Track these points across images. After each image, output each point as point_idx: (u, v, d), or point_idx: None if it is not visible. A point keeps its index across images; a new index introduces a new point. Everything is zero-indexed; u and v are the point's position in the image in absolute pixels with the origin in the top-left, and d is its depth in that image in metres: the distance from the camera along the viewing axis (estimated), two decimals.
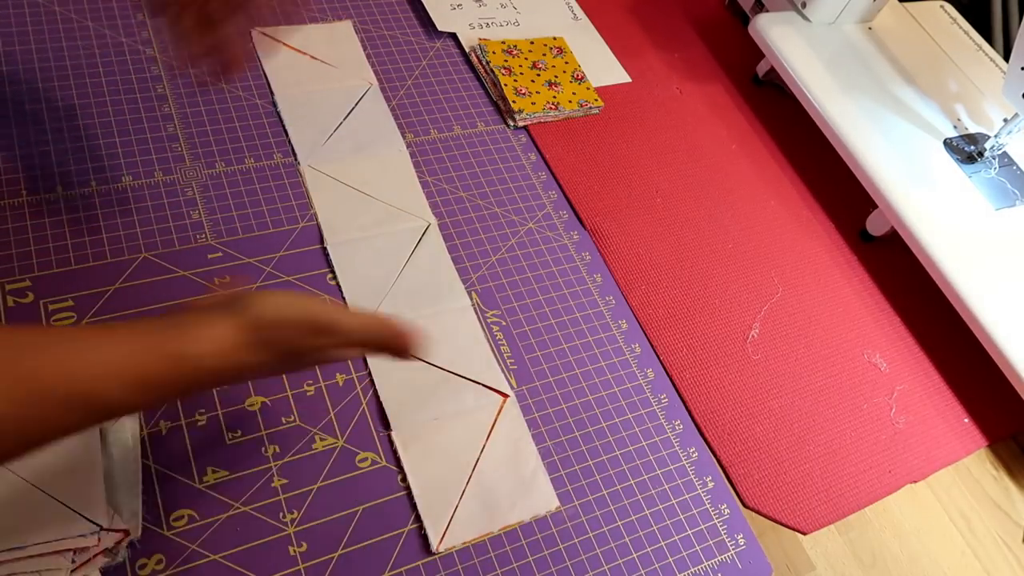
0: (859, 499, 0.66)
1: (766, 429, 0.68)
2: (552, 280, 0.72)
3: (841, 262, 0.82)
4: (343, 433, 0.59)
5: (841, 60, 0.89)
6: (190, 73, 0.56)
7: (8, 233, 0.61)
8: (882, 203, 0.79)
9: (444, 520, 0.56)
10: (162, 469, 0.54)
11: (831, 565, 0.62)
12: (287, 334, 0.39)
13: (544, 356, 0.67)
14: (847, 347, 0.75)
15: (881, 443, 0.69)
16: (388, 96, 0.80)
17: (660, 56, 0.96)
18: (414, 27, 0.88)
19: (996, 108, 0.91)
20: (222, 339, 0.37)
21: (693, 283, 0.75)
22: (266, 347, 0.38)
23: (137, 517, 0.50)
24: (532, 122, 0.83)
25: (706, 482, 0.63)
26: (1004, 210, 0.81)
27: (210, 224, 0.66)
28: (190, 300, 0.53)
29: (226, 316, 0.38)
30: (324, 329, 0.40)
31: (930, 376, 0.75)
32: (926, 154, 0.83)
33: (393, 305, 0.65)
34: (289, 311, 0.39)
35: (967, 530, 0.67)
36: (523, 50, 0.87)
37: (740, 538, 0.61)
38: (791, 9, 0.92)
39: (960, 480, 0.70)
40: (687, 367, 0.70)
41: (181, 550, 0.51)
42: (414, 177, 0.75)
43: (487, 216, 0.74)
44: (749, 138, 0.91)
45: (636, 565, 0.58)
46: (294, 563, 0.52)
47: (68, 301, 0.59)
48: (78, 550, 0.47)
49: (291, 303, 0.40)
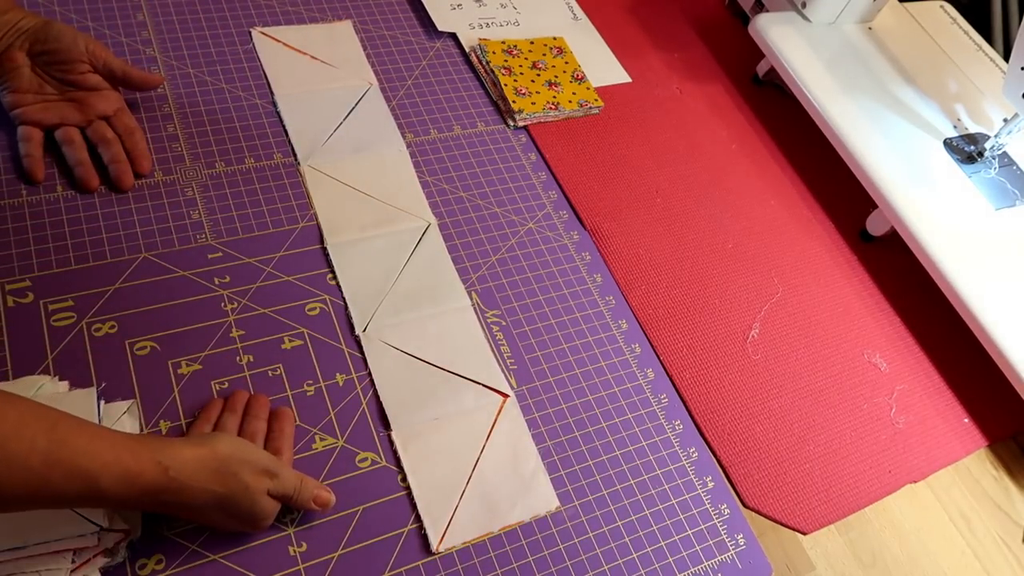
0: (859, 499, 0.66)
1: (766, 429, 0.68)
2: (552, 280, 0.72)
3: (841, 262, 0.82)
4: (343, 433, 0.59)
5: (841, 60, 0.89)
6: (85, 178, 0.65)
7: (8, 233, 0.61)
8: (882, 203, 0.79)
9: (444, 520, 0.56)
10: None
11: (831, 565, 0.62)
12: (241, 468, 0.48)
13: (544, 356, 0.67)
14: (847, 347, 0.75)
15: (881, 443, 0.69)
16: (388, 96, 0.80)
17: (660, 56, 0.96)
18: (414, 27, 0.88)
19: (996, 108, 0.91)
20: (193, 459, 0.46)
21: (693, 283, 0.75)
22: (223, 476, 0.47)
23: (137, 517, 0.50)
24: (532, 122, 0.83)
25: (706, 482, 0.63)
26: (1004, 210, 0.81)
27: (210, 224, 0.66)
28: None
29: (199, 444, 0.47)
30: (269, 472, 0.50)
31: (930, 376, 0.75)
32: (926, 154, 0.83)
33: (393, 305, 0.65)
34: (246, 450, 0.49)
35: (967, 530, 0.67)
36: (523, 50, 0.87)
37: (740, 538, 0.61)
38: (791, 9, 0.92)
39: (960, 480, 0.70)
40: (687, 367, 0.70)
41: (181, 550, 0.51)
42: (414, 177, 0.75)
43: (487, 216, 0.74)
44: (749, 138, 0.91)
45: (636, 565, 0.58)
46: (294, 563, 0.52)
47: (68, 301, 0.59)
48: (78, 550, 0.47)
49: (247, 447, 0.50)
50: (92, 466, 0.42)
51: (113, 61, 0.66)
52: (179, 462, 0.45)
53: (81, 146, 0.65)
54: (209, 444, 0.47)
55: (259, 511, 0.50)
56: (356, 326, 0.64)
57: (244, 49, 0.79)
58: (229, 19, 0.81)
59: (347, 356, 0.62)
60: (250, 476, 0.48)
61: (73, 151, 0.65)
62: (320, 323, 0.63)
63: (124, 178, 0.65)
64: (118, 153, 0.65)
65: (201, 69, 0.76)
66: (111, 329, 0.59)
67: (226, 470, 0.47)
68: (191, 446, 0.47)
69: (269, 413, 0.56)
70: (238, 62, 0.78)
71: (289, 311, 0.63)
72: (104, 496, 0.43)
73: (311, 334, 0.62)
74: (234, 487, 0.47)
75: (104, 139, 0.65)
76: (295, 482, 0.51)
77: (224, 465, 0.47)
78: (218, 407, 0.56)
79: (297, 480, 0.51)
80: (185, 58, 0.77)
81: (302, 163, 0.72)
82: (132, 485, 0.43)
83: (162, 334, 0.59)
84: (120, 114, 0.67)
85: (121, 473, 0.43)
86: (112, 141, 0.66)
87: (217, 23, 0.81)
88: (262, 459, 0.50)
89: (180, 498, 0.46)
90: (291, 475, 0.51)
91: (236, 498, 0.48)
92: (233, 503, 0.48)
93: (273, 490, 0.50)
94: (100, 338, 0.58)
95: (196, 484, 0.46)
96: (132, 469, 0.43)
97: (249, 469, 0.48)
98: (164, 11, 0.80)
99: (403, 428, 0.60)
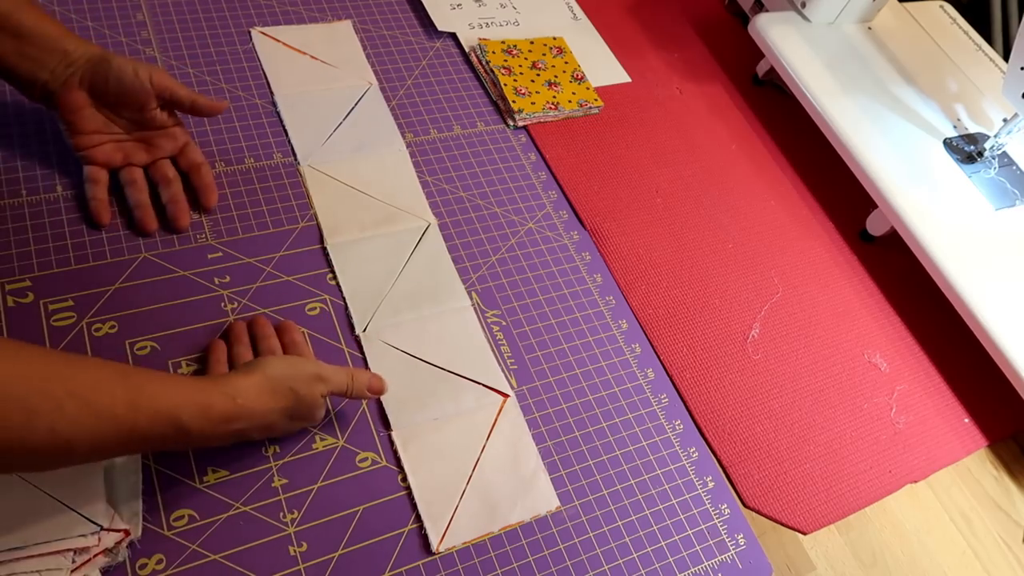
0: (859, 499, 0.66)
1: (766, 429, 0.68)
2: (552, 280, 0.72)
3: (841, 262, 0.82)
4: (343, 433, 0.59)
5: (841, 60, 0.89)
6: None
7: (8, 233, 0.61)
8: (882, 203, 0.79)
9: (444, 520, 0.56)
10: (162, 469, 0.54)
11: (831, 565, 0.62)
12: (295, 382, 0.52)
13: (544, 356, 0.67)
14: (847, 347, 0.75)
15: (881, 443, 0.69)
16: (388, 96, 0.80)
17: (660, 56, 0.96)
18: (414, 27, 0.88)
19: (996, 108, 0.91)
20: (252, 385, 0.50)
21: (693, 283, 0.75)
22: (282, 393, 0.51)
23: (137, 517, 0.50)
24: (532, 122, 0.83)
25: (706, 482, 0.63)
26: (1004, 210, 0.81)
27: (210, 224, 0.66)
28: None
29: (251, 372, 0.51)
30: (319, 377, 0.54)
31: (930, 376, 0.75)
32: (926, 154, 0.83)
33: (393, 305, 0.65)
34: (294, 365, 0.53)
35: (967, 530, 0.67)
36: (523, 50, 0.87)
37: (740, 538, 0.61)
38: (791, 9, 0.92)
39: (960, 480, 0.70)
40: (687, 367, 0.70)
41: (181, 550, 0.51)
42: (414, 177, 0.75)
43: (487, 216, 0.74)
44: (749, 138, 0.91)
45: (636, 565, 0.58)
46: (294, 563, 0.52)
47: (68, 301, 0.59)
48: (78, 550, 0.47)
49: (293, 361, 0.54)
50: (170, 405, 0.45)
51: (179, 92, 0.63)
52: (242, 390, 0.49)
53: (143, 187, 0.64)
54: (260, 370, 0.51)
55: (316, 412, 0.55)
56: (356, 326, 0.64)
57: (244, 49, 0.79)
58: (229, 19, 0.81)
59: (347, 356, 0.62)
60: (304, 387, 0.52)
61: (134, 192, 0.64)
62: (320, 323, 0.63)
63: (181, 218, 0.64)
64: (176, 193, 0.64)
65: (201, 69, 0.76)
66: (111, 329, 0.59)
67: (282, 388, 0.51)
68: (245, 375, 0.51)
69: (275, 330, 0.60)
70: (238, 62, 0.78)
71: (289, 311, 0.63)
72: (188, 432, 0.46)
73: (311, 334, 0.62)
74: (293, 399, 0.52)
75: (165, 178, 0.64)
76: (345, 379, 0.55)
77: (279, 384, 0.51)
78: (221, 347, 0.58)
79: (347, 376, 0.55)
80: (185, 58, 0.77)
81: (302, 163, 0.72)
82: (208, 417, 0.47)
83: (162, 334, 0.59)
84: (186, 149, 0.66)
85: (197, 407, 0.46)
86: (173, 180, 0.65)
87: (217, 23, 0.81)
88: (309, 368, 0.54)
89: (251, 421, 0.50)
90: (339, 374, 0.55)
91: (297, 407, 0.53)
92: (296, 411, 0.53)
93: (326, 391, 0.54)
94: (100, 338, 0.58)
95: (260, 406, 0.50)
96: (204, 403, 0.47)
97: (301, 381, 0.52)
98: (164, 11, 0.80)
99: (403, 428, 0.60)
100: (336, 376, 0.54)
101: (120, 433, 0.43)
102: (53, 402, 0.40)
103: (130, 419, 0.43)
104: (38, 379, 0.40)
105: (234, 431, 0.49)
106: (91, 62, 0.60)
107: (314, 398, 0.53)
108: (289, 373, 0.52)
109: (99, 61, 0.60)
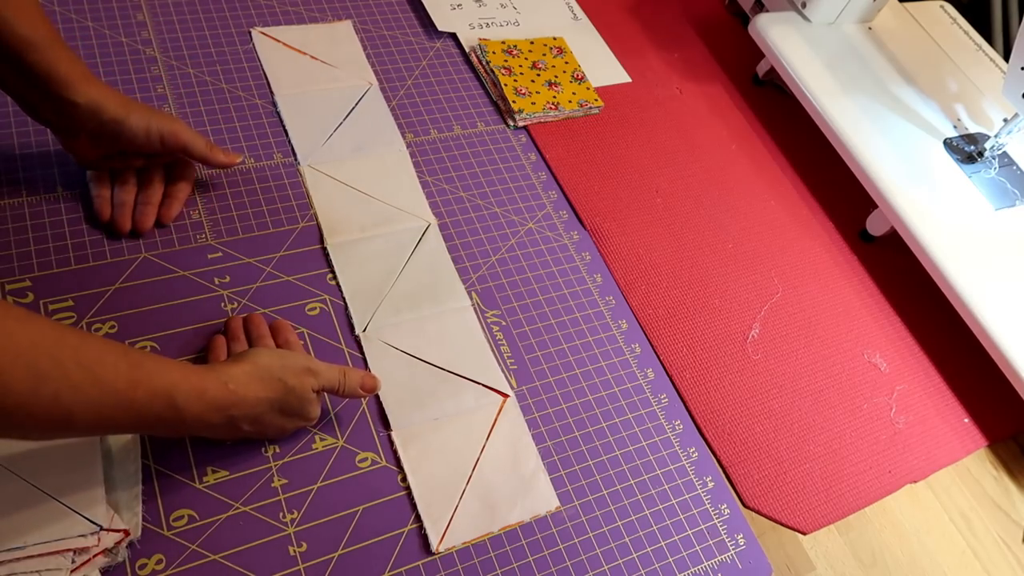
0: (859, 499, 0.66)
1: (766, 429, 0.68)
2: (552, 280, 0.72)
3: (841, 262, 0.82)
4: (343, 433, 0.59)
5: (841, 60, 0.89)
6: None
7: (8, 233, 0.61)
8: (882, 203, 0.79)
9: (444, 520, 0.56)
10: (162, 469, 0.54)
11: (831, 565, 0.62)
12: (284, 372, 0.52)
13: (544, 356, 0.67)
14: (847, 347, 0.75)
15: (881, 443, 0.69)
16: (388, 96, 0.80)
17: (660, 56, 0.96)
18: (414, 27, 0.88)
19: (996, 108, 0.91)
20: (243, 373, 0.51)
21: (693, 283, 0.75)
22: (271, 382, 0.52)
23: (137, 517, 0.50)
24: (532, 122, 0.83)
25: (706, 482, 0.63)
26: (1004, 210, 0.81)
27: (210, 224, 0.66)
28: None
29: (241, 361, 0.52)
30: (310, 371, 0.54)
31: (930, 376, 0.75)
32: (926, 154, 0.83)
33: (393, 305, 0.65)
34: (283, 356, 0.54)
35: (967, 530, 0.67)
36: (523, 50, 0.87)
37: (740, 538, 0.61)
38: (791, 9, 0.92)
39: (960, 480, 0.70)
40: (687, 367, 0.70)
41: (181, 550, 0.51)
42: (414, 177, 0.75)
43: (487, 216, 0.74)
44: (749, 138, 0.91)
45: (636, 565, 0.58)
46: (294, 563, 0.52)
47: (68, 301, 0.59)
48: (78, 550, 0.47)
49: (283, 353, 0.54)
50: (167, 383, 0.45)
51: (194, 150, 0.63)
52: (233, 376, 0.50)
53: (131, 188, 0.64)
54: (250, 359, 0.52)
55: (308, 408, 0.54)
56: (356, 326, 0.64)
57: (244, 49, 0.79)
58: (229, 19, 0.81)
59: (347, 356, 0.62)
60: (293, 378, 0.52)
61: (121, 192, 0.64)
62: (320, 323, 0.63)
63: (144, 220, 0.64)
64: (151, 196, 0.64)
65: (201, 69, 0.76)
66: (111, 329, 0.59)
67: (272, 377, 0.52)
68: (236, 364, 0.51)
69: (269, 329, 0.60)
70: (238, 62, 0.78)
71: (289, 311, 0.63)
72: (182, 412, 0.46)
73: (311, 334, 0.62)
74: (282, 390, 0.52)
75: (149, 180, 0.65)
76: (337, 375, 0.55)
77: (268, 373, 0.52)
78: (221, 343, 0.59)
79: (339, 373, 0.55)
80: (185, 58, 0.77)
81: (302, 163, 0.72)
82: (202, 399, 0.47)
83: (162, 334, 0.59)
84: (180, 163, 0.66)
85: (191, 388, 0.47)
86: (153, 184, 0.65)
87: (217, 23, 0.81)
88: (299, 361, 0.54)
89: (242, 410, 0.50)
90: (330, 370, 0.55)
91: (287, 399, 0.53)
92: (286, 404, 0.53)
93: (317, 386, 0.54)
94: None
95: (251, 394, 0.50)
96: (199, 386, 0.47)
97: (291, 372, 0.53)
98: (164, 11, 0.80)
99: (403, 428, 0.60)
100: (327, 372, 0.55)
101: (118, 408, 0.43)
102: (61, 369, 0.40)
103: (129, 394, 0.43)
104: (50, 343, 0.40)
105: (227, 418, 0.50)
106: (101, 124, 0.59)
107: (304, 390, 0.53)
108: (279, 364, 0.52)
109: (109, 123, 0.59)
